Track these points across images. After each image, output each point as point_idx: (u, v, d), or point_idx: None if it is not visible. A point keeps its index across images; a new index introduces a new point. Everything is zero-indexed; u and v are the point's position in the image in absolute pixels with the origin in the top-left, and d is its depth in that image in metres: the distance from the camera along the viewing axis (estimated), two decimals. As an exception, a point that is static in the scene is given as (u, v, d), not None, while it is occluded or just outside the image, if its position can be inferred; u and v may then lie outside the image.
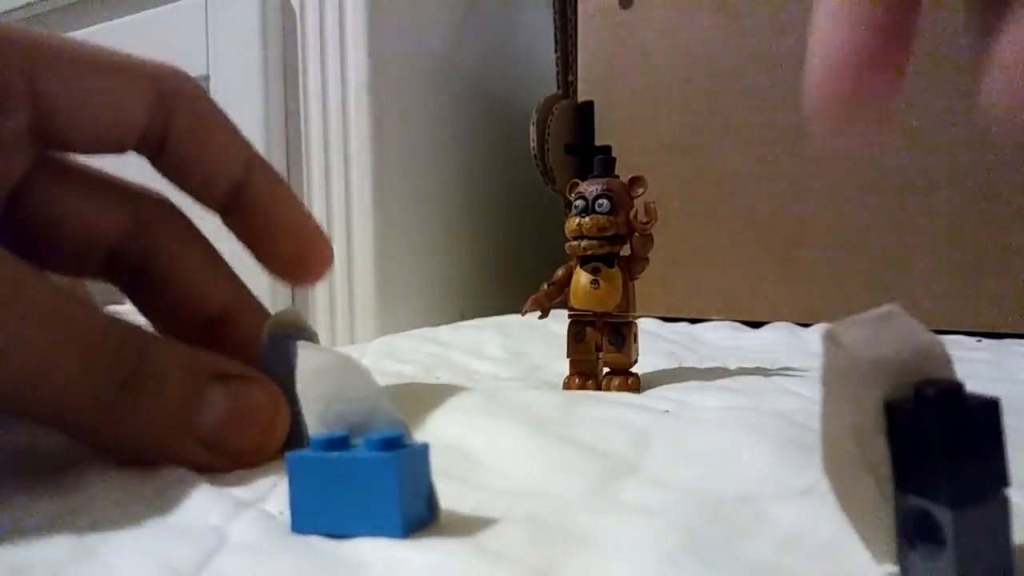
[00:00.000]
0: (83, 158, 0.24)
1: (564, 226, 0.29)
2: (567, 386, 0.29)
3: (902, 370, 0.12)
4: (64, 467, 0.19)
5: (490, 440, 0.21)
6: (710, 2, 0.49)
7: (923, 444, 0.12)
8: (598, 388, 0.29)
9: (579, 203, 0.28)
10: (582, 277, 0.28)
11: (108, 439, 0.19)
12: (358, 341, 0.54)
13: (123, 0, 0.64)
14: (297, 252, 0.25)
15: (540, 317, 0.30)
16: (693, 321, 0.49)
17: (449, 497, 0.16)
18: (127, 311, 0.24)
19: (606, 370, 0.29)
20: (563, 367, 0.30)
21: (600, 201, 0.28)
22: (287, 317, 0.22)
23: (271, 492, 0.18)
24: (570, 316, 0.29)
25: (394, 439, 0.15)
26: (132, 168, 0.24)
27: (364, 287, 0.55)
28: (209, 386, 0.20)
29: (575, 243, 0.28)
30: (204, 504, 0.17)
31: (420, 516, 0.15)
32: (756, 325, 0.46)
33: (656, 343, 0.40)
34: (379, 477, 0.15)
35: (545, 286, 0.29)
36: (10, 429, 0.23)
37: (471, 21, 0.63)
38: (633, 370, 0.29)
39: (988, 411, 0.12)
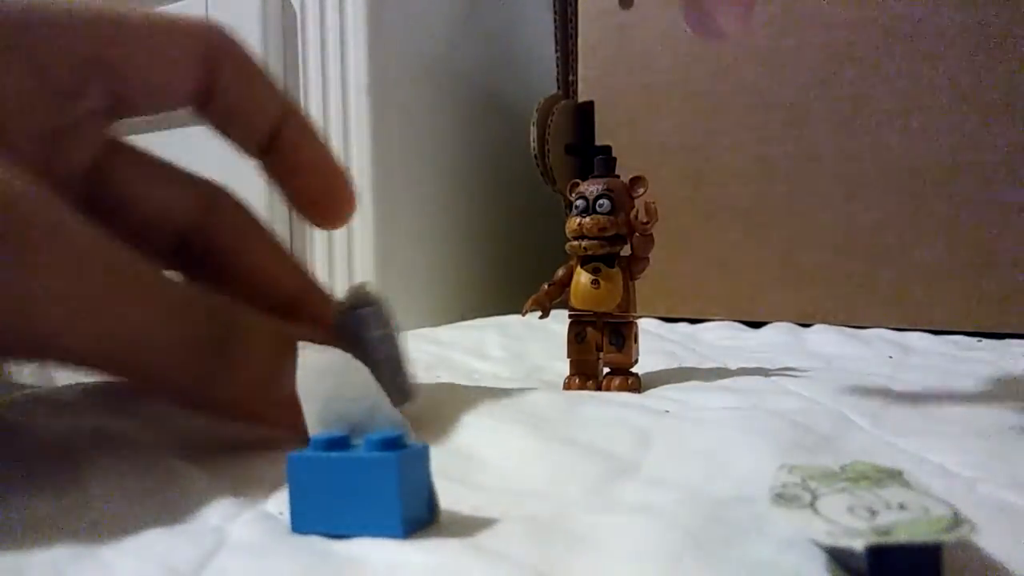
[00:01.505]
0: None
1: (564, 226, 0.29)
2: (567, 386, 0.29)
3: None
4: (64, 466, 0.20)
5: (490, 440, 0.21)
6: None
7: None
8: (598, 388, 0.29)
9: (580, 203, 0.28)
10: (582, 277, 0.28)
11: (201, 399, 0.20)
12: (358, 341, 0.54)
13: (123, 1, 0.64)
14: (323, 191, 0.25)
15: (541, 317, 0.30)
16: (693, 321, 0.49)
17: (449, 497, 0.16)
18: None
19: (606, 370, 0.29)
20: (563, 367, 0.30)
21: (601, 201, 0.28)
22: (360, 290, 0.23)
23: (271, 492, 0.18)
24: (570, 316, 0.29)
25: (394, 439, 0.15)
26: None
27: (364, 287, 0.55)
28: (293, 353, 0.20)
29: (576, 243, 0.28)
30: (204, 504, 0.17)
31: (420, 516, 0.15)
32: (756, 325, 0.46)
33: (656, 343, 0.40)
34: (379, 477, 0.15)
35: (546, 286, 0.29)
36: (10, 428, 0.23)
37: (471, 21, 0.63)
38: (633, 370, 0.29)
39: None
